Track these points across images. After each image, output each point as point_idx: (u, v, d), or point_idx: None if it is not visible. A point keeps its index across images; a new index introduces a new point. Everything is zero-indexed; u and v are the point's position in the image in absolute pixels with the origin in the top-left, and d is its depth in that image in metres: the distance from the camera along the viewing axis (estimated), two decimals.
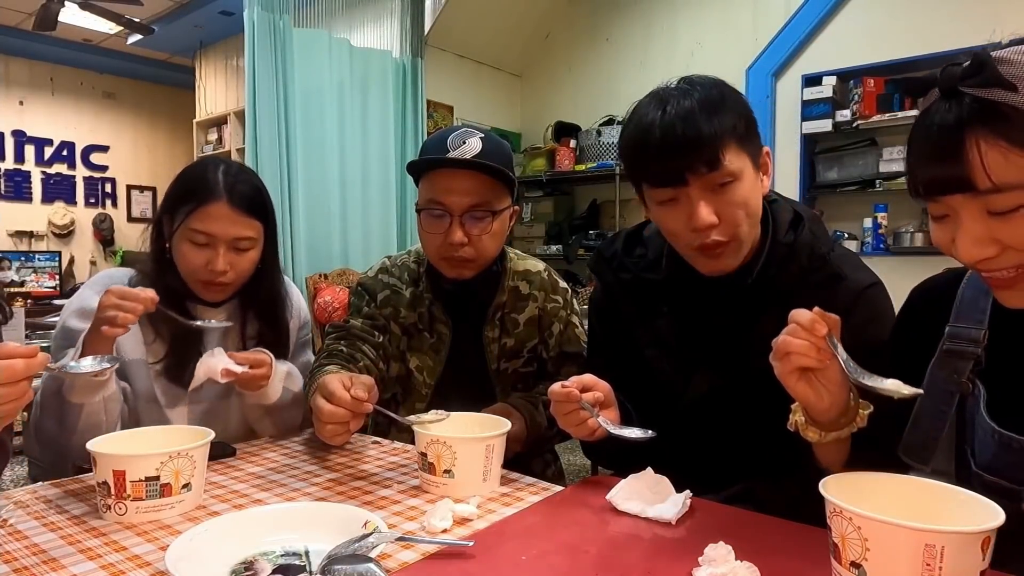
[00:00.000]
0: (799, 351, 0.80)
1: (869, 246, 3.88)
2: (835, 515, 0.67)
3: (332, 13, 4.13)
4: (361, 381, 1.07)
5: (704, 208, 0.99)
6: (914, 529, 0.62)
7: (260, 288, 1.36)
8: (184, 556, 0.72)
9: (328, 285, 3.80)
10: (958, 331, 0.85)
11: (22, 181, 6.63)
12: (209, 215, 1.24)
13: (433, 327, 1.43)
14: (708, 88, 1.02)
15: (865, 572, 0.65)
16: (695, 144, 0.97)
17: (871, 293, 1.05)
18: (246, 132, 3.67)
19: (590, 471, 2.87)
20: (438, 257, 1.36)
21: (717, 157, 0.97)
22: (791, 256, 1.07)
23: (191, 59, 6.57)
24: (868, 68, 3.83)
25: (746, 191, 1.01)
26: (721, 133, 0.97)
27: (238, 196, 1.26)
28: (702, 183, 0.99)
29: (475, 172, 1.29)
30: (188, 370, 1.28)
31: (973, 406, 0.82)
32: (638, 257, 1.20)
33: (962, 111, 0.70)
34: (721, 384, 1.10)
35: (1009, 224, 0.71)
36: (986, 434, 0.79)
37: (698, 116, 0.97)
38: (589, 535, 0.85)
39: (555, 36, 5.28)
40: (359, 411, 1.05)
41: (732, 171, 0.99)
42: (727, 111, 0.99)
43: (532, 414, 1.32)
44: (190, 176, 1.29)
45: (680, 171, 0.99)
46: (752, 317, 1.07)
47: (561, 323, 1.46)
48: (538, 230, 5.10)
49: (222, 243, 1.25)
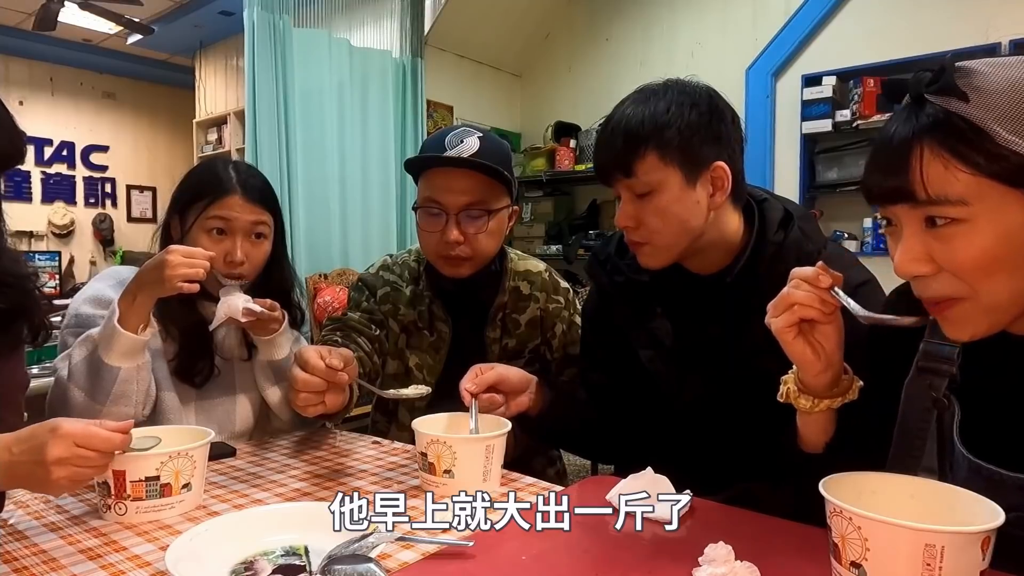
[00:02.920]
0: (804, 301, 0.79)
1: (869, 246, 3.88)
2: (835, 515, 0.67)
3: (332, 13, 4.13)
4: (339, 352, 1.05)
5: (623, 210, 1.08)
6: (914, 529, 0.62)
7: (271, 280, 1.39)
8: (184, 556, 0.72)
9: (328, 285, 3.80)
10: (932, 348, 0.83)
11: (22, 181, 6.62)
12: (226, 205, 1.28)
13: (433, 325, 1.43)
14: (666, 97, 1.05)
15: (865, 572, 0.65)
16: (616, 152, 1.06)
17: (863, 292, 1.05)
18: (246, 132, 3.67)
19: (590, 471, 2.87)
20: (435, 255, 1.36)
21: (632, 167, 1.04)
22: (779, 255, 1.08)
23: (191, 59, 6.56)
24: (868, 68, 3.83)
25: (666, 202, 1.05)
26: (643, 147, 1.03)
27: (251, 189, 1.31)
28: (624, 187, 1.07)
29: (471, 171, 1.29)
30: (197, 370, 1.32)
31: (949, 425, 0.80)
32: (630, 259, 1.20)
33: (917, 119, 0.69)
34: (716, 384, 1.10)
35: (945, 244, 0.69)
36: (959, 458, 0.77)
37: (632, 126, 1.04)
38: (589, 535, 0.85)
39: (555, 36, 5.28)
40: (333, 380, 1.03)
41: (648, 182, 1.04)
42: (668, 125, 1.03)
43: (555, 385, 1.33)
44: (201, 175, 1.34)
45: (607, 175, 1.09)
46: (743, 317, 1.07)
47: (564, 323, 1.46)
48: (538, 230, 5.10)
49: (240, 231, 1.29)
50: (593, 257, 1.28)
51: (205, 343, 1.34)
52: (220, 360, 1.37)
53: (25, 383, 1.13)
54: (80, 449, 0.82)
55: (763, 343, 1.06)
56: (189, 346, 1.32)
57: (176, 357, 1.31)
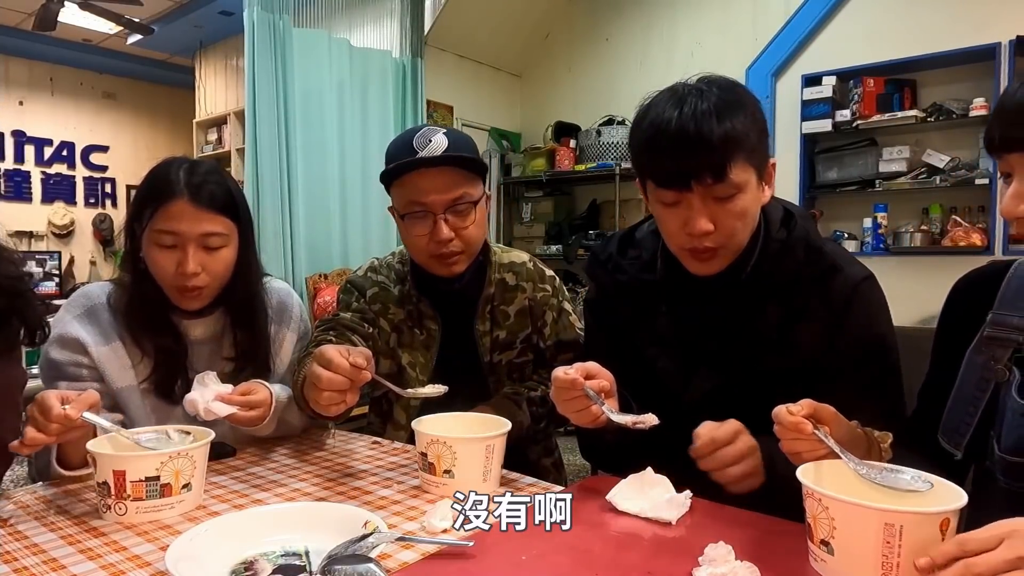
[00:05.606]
0: (807, 450, 0.84)
1: (869, 246, 3.88)
2: (808, 496, 0.73)
3: (332, 13, 4.13)
4: (359, 351, 1.05)
5: (703, 217, 1.00)
6: (874, 509, 0.68)
7: (235, 293, 1.30)
8: (184, 556, 0.72)
9: (328, 285, 3.80)
10: (1001, 318, 0.87)
11: (22, 181, 6.62)
12: (171, 214, 1.18)
13: (422, 324, 1.43)
14: (726, 92, 1.02)
15: (833, 549, 0.71)
16: (705, 153, 0.97)
17: (866, 287, 1.07)
18: (246, 132, 3.67)
19: (590, 471, 2.87)
20: (428, 257, 1.35)
21: (724, 169, 0.98)
22: (786, 250, 1.08)
23: (191, 59, 6.56)
24: (868, 68, 3.83)
25: (747, 203, 1.02)
26: (732, 145, 0.98)
27: (200, 193, 1.20)
28: (705, 191, 1.00)
29: (448, 168, 1.29)
30: (176, 386, 1.25)
31: (1005, 393, 0.84)
32: (633, 259, 1.20)
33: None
34: (723, 382, 1.10)
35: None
36: (1014, 414, 0.81)
37: (712, 123, 0.97)
38: (589, 535, 0.85)
39: (555, 36, 5.28)
40: (357, 379, 1.03)
41: (737, 183, 1.00)
42: (741, 120, 0.99)
43: (513, 414, 1.30)
44: (153, 177, 1.24)
45: (686, 177, 0.99)
46: (751, 314, 1.08)
47: (554, 311, 1.47)
48: (538, 230, 5.10)
49: (190, 241, 1.19)
50: (593, 257, 1.27)
51: (179, 359, 1.27)
52: None
53: (23, 382, 1.13)
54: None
55: (770, 340, 1.06)
56: (165, 363, 1.26)
57: (152, 373, 1.26)
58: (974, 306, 0.91)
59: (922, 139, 3.79)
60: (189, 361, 1.29)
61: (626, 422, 0.99)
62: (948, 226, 3.69)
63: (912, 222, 3.83)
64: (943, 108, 3.63)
